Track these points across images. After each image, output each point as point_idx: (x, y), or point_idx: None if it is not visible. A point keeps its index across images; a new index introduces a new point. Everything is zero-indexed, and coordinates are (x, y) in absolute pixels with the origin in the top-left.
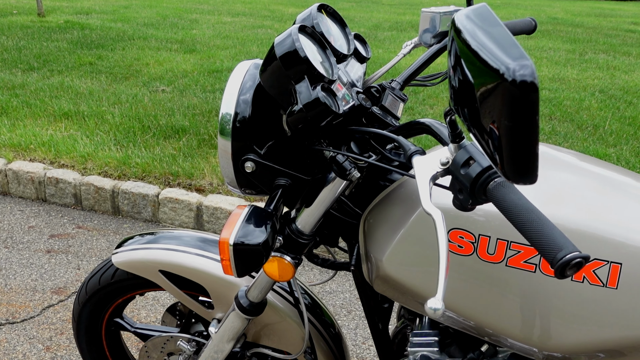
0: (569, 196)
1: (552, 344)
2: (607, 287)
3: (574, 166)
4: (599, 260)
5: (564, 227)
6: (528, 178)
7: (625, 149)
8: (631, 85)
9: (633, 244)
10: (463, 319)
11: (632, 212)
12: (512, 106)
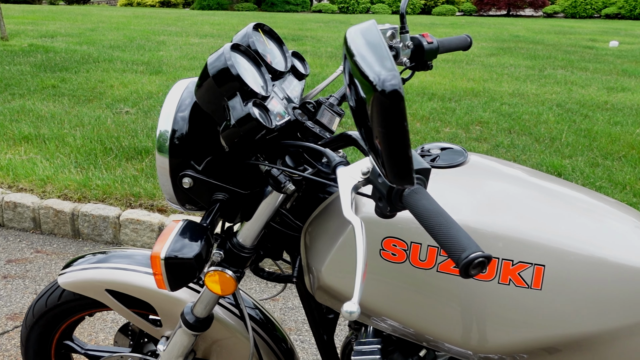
0: (498, 203)
1: (485, 347)
2: (532, 289)
3: (504, 174)
4: (523, 262)
5: (490, 233)
6: (406, 180)
7: (580, 160)
8: (587, 99)
9: (556, 245)
10: (402, 326)
11: (555, 215)
12: (382, 114)
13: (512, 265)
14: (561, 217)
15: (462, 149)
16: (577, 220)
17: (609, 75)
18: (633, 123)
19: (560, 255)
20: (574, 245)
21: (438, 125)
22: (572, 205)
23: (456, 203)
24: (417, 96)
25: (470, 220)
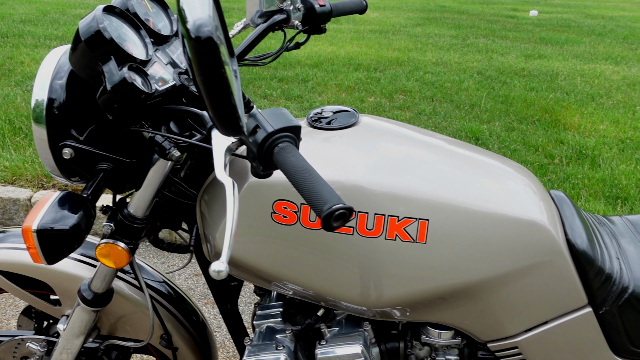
0: (384, 161)
1: (378, 302)
2: (417, 243)
3: (392, 133)
4: (408, 218)
5: (376, 190)
6: (235, 130)
7: (497, 125)
8: (506, 66)
9: (439, 200)
10: (302, 289)
11: (439, 170)
12: (197, 61)
13: (398, 221)
14: (445, 172)
15: (354, 111)
16: (460, 175)
17: (527, 44)
18: (547, 88)
19: (443, 209)
20: (457, 199)
21: (363, 95)
22: (457, 161)
23: (346, 162)
24: (343, 67)
25: (356, 178)
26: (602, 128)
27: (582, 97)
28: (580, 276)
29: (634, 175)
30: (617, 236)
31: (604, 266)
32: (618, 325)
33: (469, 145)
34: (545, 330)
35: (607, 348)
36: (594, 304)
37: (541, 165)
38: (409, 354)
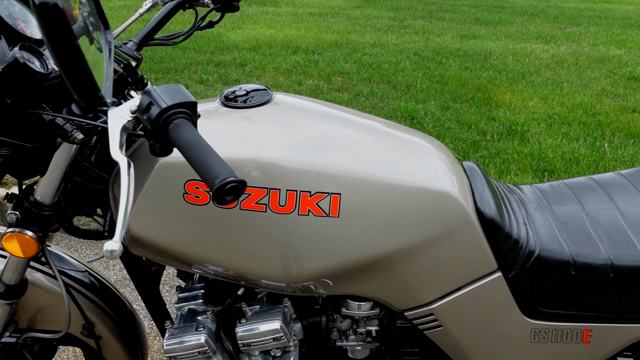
0: (295, 137)
1: (296, 277)
2: (330, 217)
3: (305, 110)
4: (320, 193)
5: (286, 166)
6: (95, 101)
7: (432, 104)
8: (442, 46)
9: (350, 174)
10: (223, 270)
11: (351, 144)
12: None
13: (310, 196)
14: (356, 146)
15: (267, 88)
16: (372, 149)
17: (463, 24)
18: (481, 67)
19: (354, 182)
20: (368, 173)
21: (301, 78)
22: (368, 136)
23: (257, 140)
24: (281, 50)
25: (266, 156)
26: (531, 104)
27: (514, 75)
28: (490, 243)
29: (560, 149)
30: (526, 203)
31: (512, 232)
32: (526, 288)
33: (381, 119)
34: (458, 296)
35: (518, 310)
36: (503, 269)
37: (474, 142)
38: (331, 328)
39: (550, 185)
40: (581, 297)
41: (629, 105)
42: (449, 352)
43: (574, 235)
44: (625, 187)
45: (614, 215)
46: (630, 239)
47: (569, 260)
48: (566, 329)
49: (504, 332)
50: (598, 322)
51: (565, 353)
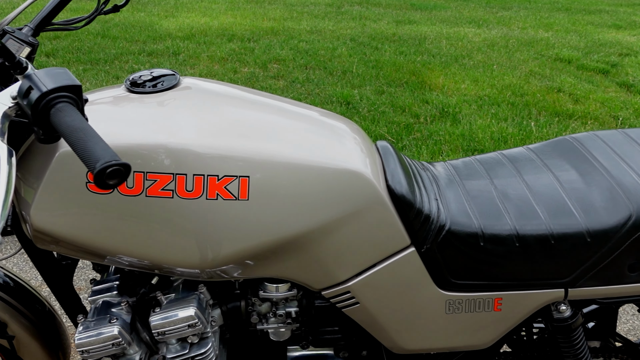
0: (201, 121)
1: (209, 263)
2: (240, 200)
3: (213, 93)
4: (228, 176)
5: (193, 152)
6: None
7: (368, 89)
8: (378, 32)
9: (258, 156)
10: (137, 260)
11: (257, 126)
12: None
13: (218, 180)
14: (265, 128)
15: (174, 72)
16: (281, 130)
17: (398, 10)
18: (415, 52)
19: (263, 165)
20: (277, 154)
21: (236, 65)
22: (277, 117)
23: (163, 125)
24: (216, 38)
25: (171, 141)
26: (463, 87)
27: (447, 59)
28: (402, 219)
29: (489, 129)
30: (438, 180)
31: (423, 208)
32: (439, 261)
33: (293, 101)
34: (373, 273)
35: (432, 283)
36: (416, 244)
37: (407, 124)
38: (250, 312)
39: (463, 161)
40: (490, 267)
41: (555, 86)
42: (368, 328)
43: (483, 208)
44: (532, 160)
45: (520, 187)
46: (535, 209)
47: (478, 232)
48: (478, 299)
49: (419, 305)
50: (507, 290)
51: (478, 321)
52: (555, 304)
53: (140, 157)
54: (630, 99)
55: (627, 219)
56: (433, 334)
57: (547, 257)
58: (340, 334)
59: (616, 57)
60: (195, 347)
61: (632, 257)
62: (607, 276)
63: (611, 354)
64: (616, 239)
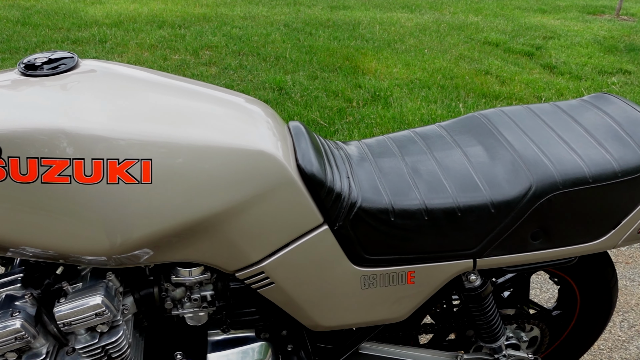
0: (99, 103)
1: (115, 249)
2: (143, 184)
3: (113, 75)
4: (129, 159)
5: (91, 136)
6: None
7: (301, 74)
8: (312, 18)
9: (161, 138)
10: (41, 251)
11: (160, 108)
12: None
13: (119, 164)
14: (168, 110)
15: (72, 54)
16: (185, 112)
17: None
18: (349, 37)
19: (166, 147)
20: (181, 136)
21: (166, 53)
22: (182, 99)
23: (58, 108)
24: (145, 25)
25: (68, 124)
26: (395, 71)
27: (380, 43)
28: (313, 197)
29: (419, 111)
30: (351, 158)
31: (334, 186)
32: (352, 238)
33: (201, 83)
34: (287, 252)
35: (346, 259)
36: (329, 222)
37: (340, 108)
38: (164, 298)
39: (376, 140)
40: (402, 241)
41: (483, 68)
42: (285, 308)
43: (393, 184)
44: (442, 137)
45: (430, 164)
46: (443, 184)
47: (389, 208)
48: (392, 273)
49: (335, 282)
50: (419, 263)
51: (393, 295)
52: (466, 274)
53: (33, 143)
54: (552, 79)
55: (527, 190)
56: (350, 309)
57: (455, 230)
58: (258, 315)
59: (541, 40)
60: (106, 336)
61: (534, 226)
62: (512, 245)
63: (525, 320)
64: (518, 209)
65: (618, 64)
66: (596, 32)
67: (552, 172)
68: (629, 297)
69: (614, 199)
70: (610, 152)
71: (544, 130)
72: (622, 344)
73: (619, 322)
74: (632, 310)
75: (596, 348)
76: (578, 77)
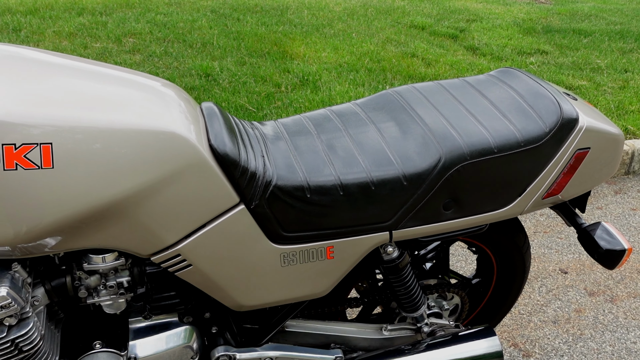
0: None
1: (18, 238)
2: (44, 169)
3: (13, 58)
4: (27, 144)
5: None
6: None
7: (229, 60)
8: (240, 3)
9: (61, 121)
10: None
11: (60, 90)
12: None
13: (15, 149)
14: (70, 92)
15: None
16: (88, 93)
17: None
18: (277, 22)
19: (67, 130)
20: (84, 118)
21: (87, 41)
22: (85, 81)
23: None
24: (63, 12)
25: None
26: (324, 55)
27: (308, 28)
28: (228, 177)
29: (347, 94)
30: (266, 137)
31: (249, 165)
32: (269, 216)
33: (108, 65)
34: (204, 233)
35: (265, 237)
36: (245, 201)
37: (268, 94)
38: (77, 287)
39: (292, 119)
40: (319, 217)
41: (409, 51)
42: (205, 289)
43: (309, 162)
44: (357, 114)
45: (345, 140)
46: (357, 159)
47: (304, 185)
48: (311, 249)
49: (255, 261)
50: (337, 238)
51: (314, 270)
52: (383, 246)
53: None
54: (475, 60)
55: (437, 162)
56: (271, 287)
57: (370, 203)
58: (179, 298)
59: (464, 23)
60: (15, 329)
61: (445, 196)
62: (425, 216)
63: (446, 289)
64: (429, 180)
65: (536, 45)
66: (516, 15)
67: (460, 144)
68: (547, 264)
69: (518, 168)
70: (514, 123)
71: (453, 104)
72: (541, 307)
73: (538, 288)
74: (549, 276)
75: (517, 313)
76: (499, 57)
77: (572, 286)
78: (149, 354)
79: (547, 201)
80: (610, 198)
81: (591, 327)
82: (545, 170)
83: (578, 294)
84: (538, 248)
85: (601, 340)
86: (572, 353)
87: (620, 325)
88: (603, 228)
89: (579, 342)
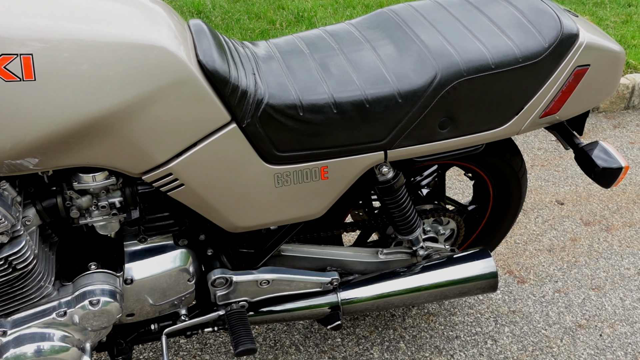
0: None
1: (3, 153)
2: (25, 81)
3: None
4: (6, 55)
5: None
6: None
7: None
8: None
9: (42, 33)
10: None
11: (45, 2)
12: None
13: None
14: (60, 6)
15: None
16: (77, 7)
17: None
18: None
19: (49, 41)
20: (66, 30)
21: None
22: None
23: None
24: None
25: None
26: None
27: None
28: (218, 95)
29: None
30: (257, 56)
31: (239, 83)
32: (262, 135)
33: None
34: (195, 152)
35: (257, 157)
36: (236, 120)
37: (263, 30)
38: (69, 207)
39: (285, 39)
40: (313, 136)
41: None
42: (198, 210)
43: (302, 80)
44: (351, 33)
45: (339, 59)
46: (351, 77)
47: (297, 103)
48: (305, 169)
49: (248, 181)
50: (332, 157)
51: (308, 191)
52: (378, 166)
53: None
54: None
55: (433, 78)
56: (265, 208)
57: (364, 122)
58: (172, 219)
59: None
60: (7, 247)
61: (441, 115)
62: (420, 135)
63: (441, 213)
64: (425, 97)
65: None
66: None
67: (456, 60)
68: (543, 195)
69: (516, 85)
70: (512, 39)
71: (451, 21)
72: (536, 237)
73: (534, 219)
74: (545, 207)
75: (512, 242)
76: None
77: (568, 216)
78: (146, 275)
79: (544, 120)
80: (609, 132)
81: (586, 255)
82: (544, 87)
83: (574, 224)
84: (535, 181)
85: (595, 267)
86: (566, 279)
87: (614, 252)
88: (601, 147)
89: (573, 269)
